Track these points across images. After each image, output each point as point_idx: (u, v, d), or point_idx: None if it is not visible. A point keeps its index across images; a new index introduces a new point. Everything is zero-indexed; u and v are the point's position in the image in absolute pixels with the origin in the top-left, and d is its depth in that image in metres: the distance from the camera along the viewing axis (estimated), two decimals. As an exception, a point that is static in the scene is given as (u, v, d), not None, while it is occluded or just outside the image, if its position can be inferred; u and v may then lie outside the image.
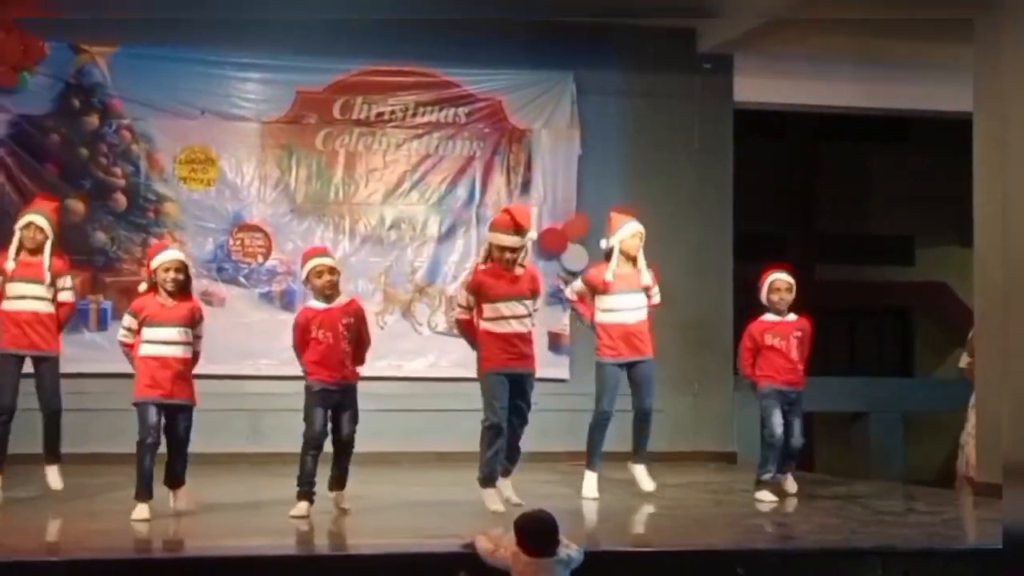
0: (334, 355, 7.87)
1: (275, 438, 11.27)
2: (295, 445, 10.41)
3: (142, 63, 11.72)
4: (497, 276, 8.10)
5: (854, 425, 14.17)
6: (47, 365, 8.49)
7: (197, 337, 7.80)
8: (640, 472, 9.16)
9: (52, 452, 8.60)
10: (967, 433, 10.14)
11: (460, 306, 8.30)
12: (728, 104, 12.84)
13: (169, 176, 11.80)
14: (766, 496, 8.87)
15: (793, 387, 8.99)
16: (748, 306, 9.41)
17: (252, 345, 11.49)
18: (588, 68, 12.45)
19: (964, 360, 10.19)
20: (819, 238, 18.19)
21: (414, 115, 12.26)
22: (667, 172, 12.58)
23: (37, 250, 8.47)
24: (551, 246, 12.33)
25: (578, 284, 9.16)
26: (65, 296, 8.59)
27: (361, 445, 10.26)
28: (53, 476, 8.58)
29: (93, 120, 11.71)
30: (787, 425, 8.94)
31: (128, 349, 7.76)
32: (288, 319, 11.71)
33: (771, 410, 8.92)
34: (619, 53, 12.48)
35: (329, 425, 7.92)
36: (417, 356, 12.06)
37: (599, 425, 8.99)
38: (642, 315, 8.95)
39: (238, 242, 11.88)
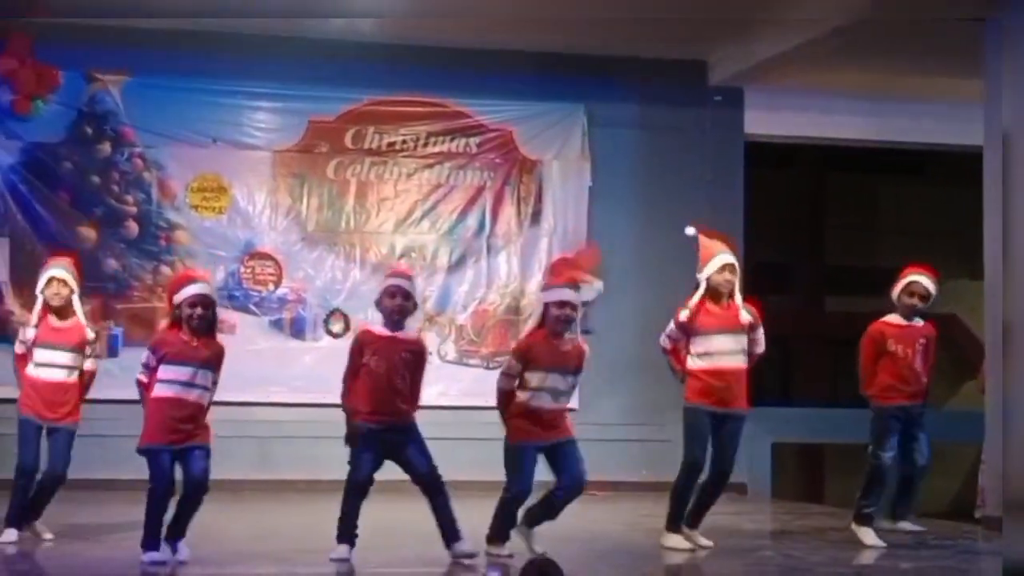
0: (383, 390, 7.08)
1: (284, 466, 11.31)
2: (304, 472, 10.44)
3: (154, 92, 11.80)
4: (547, 342, 7.16)
5: (865, 456, 14.13)
6: (61, 435, 7.76)
7: (214, 383, 7.01)
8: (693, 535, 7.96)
9: (37, 510, 7.83)
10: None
11: (505, 373, 7.28)
12: (739, 136, 12.88)
13: (181, 204, 11.86)
14: (868, 536, 8.07)
15: (915, 402, 8.09)
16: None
17: (262, 372, 11.50)
18: (599, 100, 12.50)
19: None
20: (828, 269, 18.18)
21: (425, 145, 12.30)
22: (678, 204, 12.58)
23: (64, 310, 7.71)
24: (561, 277, 12.34)
25: (671, 328, 7.84)
26: (89, 364, 7.83)
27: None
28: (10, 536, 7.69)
29: (105, 148, 11.77)
30: (907, 448, 8.04)
31: (143, 389, 6.94)
32: (297, 347, 11.88)
33: (886, 431, 8.00)
34: (630, 85, 12.53)
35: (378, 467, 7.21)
36: (427, 385, 11.97)
37: (688, 478, 7.81)
38: (739, 360, 7.73)
39: (249, 270, 11.92)
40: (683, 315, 7.72)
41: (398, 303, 7.14)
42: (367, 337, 7.19)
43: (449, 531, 7.19)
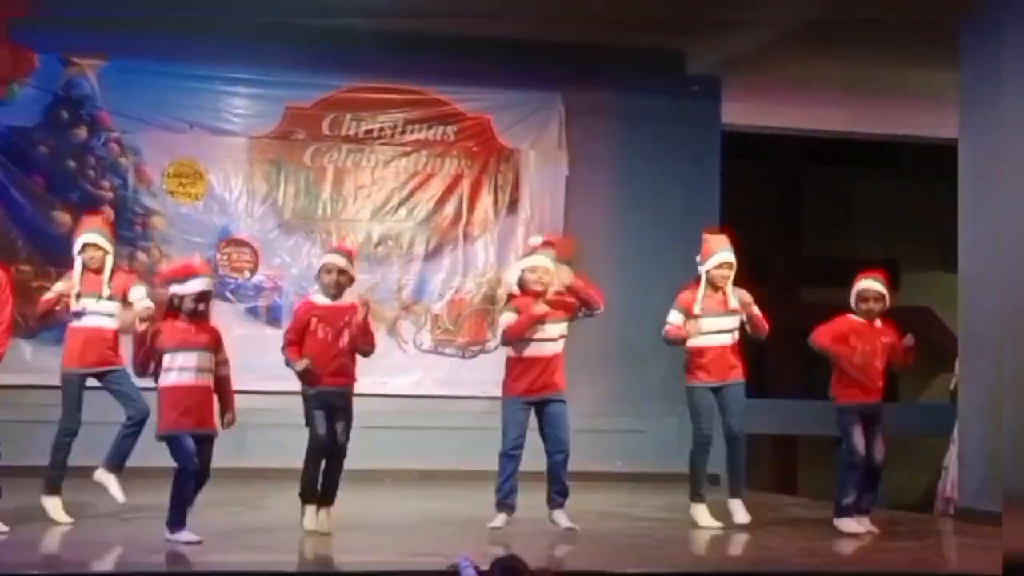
0: (330, 354, 7.76)
1: (260, 453, 11.25)
2: (280, 460, 10.41)
3: (131, 77, 11.73)
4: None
5: (837, 449, 14.20)
6: (114, 376, 8.14)
7: (222, 362, 7.50)
8: (735, 506, 8.71)
9: (121, 457, 8.12)
10: (951, 456, 10.20)
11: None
12: (716, 126, 12.89)
13: (157, 190, 11.81)
14: (848, 525, 8.41)
15: (872, 401, 8.48)
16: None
17: (237, 360, 11.10)
18: (577, 89, 12.48)
19: (954, 382, 10.18)
20: (804, 261, 18.22)
21: (403, 133, 12.28)
22: (654, 194, 12.61)
23: (100, 269, 8.20)
24: (538, 266, 12.34)
25: (673, 314, 8.67)
26: (142, 306, 8.07)
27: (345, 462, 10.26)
28: (113, 485, 8.11)
29: (81, 133, 11.71)
30: (867, 444, 8.41)
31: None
32: (274, 335, 11.78)
33: (852, 427, 8.41)
34: (608, 74, 12.51)
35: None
36: (402, 374, 12.06)
37: (699, 450, 8.68)
38: (731, 338, 8.64)
39: (225, 257, 11.88)
40: (696, 307, 8.57)
41: (333, 278, 7.83)
42: (310, 307, 7.88)
43: (331, 494, 7.85)
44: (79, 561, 6.87)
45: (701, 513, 8.62)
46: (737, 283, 8.80)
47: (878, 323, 8.57)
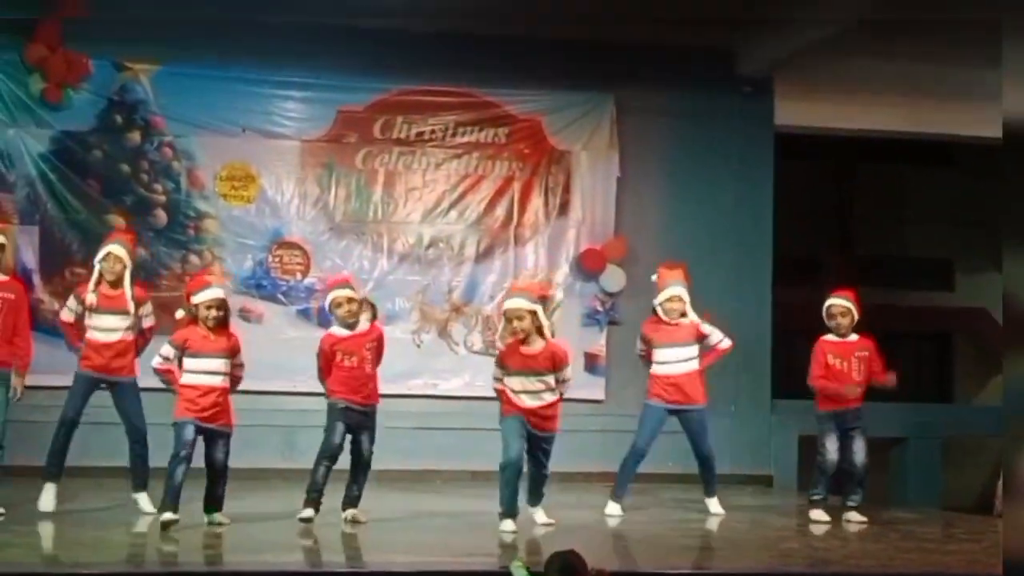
0: (358, 378, 8.32)
1: (310, 454, 11.22)
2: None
3: (184, 81, 11.81)
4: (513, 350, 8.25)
5: (892, 450, 14.11)
6: (125, 388, 8.51)
7: (237, 365, 8.07)
8: (711, 503, 9.46)
9: (140, 478, 8.57)
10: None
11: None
12: (768, 127, 12.81)
13: (210, 193, 11.88)
14: (819, 516, 9.07)
15: (851, 408, 9.10)
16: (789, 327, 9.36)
17: (288, 362, 11.40)
18: (628, 89, 12.44)
19: None
20: (858, 261, 18.07)
21: (454, 135, 12.29)
22: (706, 194, 12.56)
23: (117, 281, 8.52)
24: (590, 267, 12.33)
25: (639, 341, 9.37)
26: (148, 322, 8.68)
27: (395, 462, 10.31)
28: (144, 502, 8.48)
29: (135, 137, 11.80)
30: (846, 447, 9.06)
31: (165, 374, 7.98)
32: (326, 336, 11.86)
33: (826, 434, 9.10)
34: (659, 74, 12.46)
35: (348, 444, 8.34)
36: (452, 375, 12.08)
37: (632, 459, 9.27)
38: (690, 367, 9.19)
39: (277, 259, 11.93)
40: (642, 338, 9.23)
41: (345, 311, 8.32)
42: (333, 340, 8.34)
43: (353, 499, 8.39)
44: (99, 562, 6.91)
45: (614, 508, 9.18)
46: (791, 282, 8.93)
47: (853, 337, 9.19)
